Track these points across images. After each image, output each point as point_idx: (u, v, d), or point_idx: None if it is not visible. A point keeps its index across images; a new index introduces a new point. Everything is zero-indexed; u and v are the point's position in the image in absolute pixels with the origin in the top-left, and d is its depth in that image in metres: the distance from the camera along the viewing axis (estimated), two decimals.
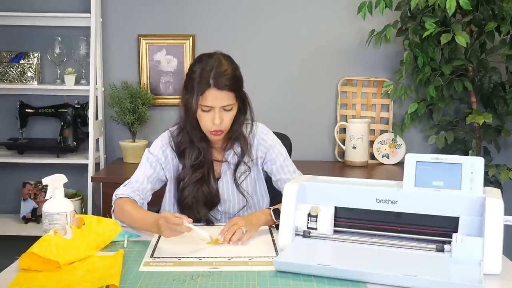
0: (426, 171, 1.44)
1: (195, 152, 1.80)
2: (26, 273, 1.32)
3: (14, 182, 3.11)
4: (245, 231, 1.58)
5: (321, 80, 3.10)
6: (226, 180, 1.85)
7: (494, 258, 1.28)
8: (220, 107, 1.70)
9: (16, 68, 3.00)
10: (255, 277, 1.30)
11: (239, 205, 1.86)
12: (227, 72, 1.70)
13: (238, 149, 1.84)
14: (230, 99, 1.71)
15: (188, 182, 1.79)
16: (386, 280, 1.24)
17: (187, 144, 1.80)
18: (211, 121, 1.71)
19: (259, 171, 1.89)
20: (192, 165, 1.79)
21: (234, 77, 1.72)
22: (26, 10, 2.97)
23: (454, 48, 2.66)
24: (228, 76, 1.70)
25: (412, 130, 3.07)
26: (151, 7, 3.05)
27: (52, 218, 1.46)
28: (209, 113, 1.71)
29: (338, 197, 1.50)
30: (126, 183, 1.83)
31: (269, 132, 1.92)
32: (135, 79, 3.08)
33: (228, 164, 1.85)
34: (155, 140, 1.88)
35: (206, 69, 1.70)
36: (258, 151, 1.87)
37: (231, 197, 1.85)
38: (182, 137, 1.81)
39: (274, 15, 3.06)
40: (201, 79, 1.69)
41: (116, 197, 1.79)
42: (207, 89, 1.68)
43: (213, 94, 1.68)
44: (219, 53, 1.77)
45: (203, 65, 1.71)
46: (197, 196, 1.79)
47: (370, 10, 2.74)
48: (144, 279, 1.28)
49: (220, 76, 1.68)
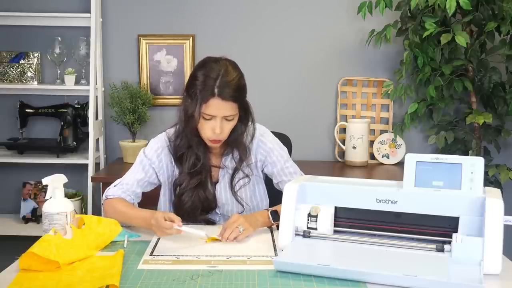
0: (426, 171, 1.44)
1: (193, 158, 1.77)
2: (26, 273, 1.32)
3: (14, 182, 3.11)
4: (242, 230, 1.58)
5: (321, 80, 3.10)
6: (224, 184, 1.83)
7: (494, 258, 1.28)
8: (222, 117, 1.67)
9: (16, 68, 3.00)
10: (255, 277, 1.30)
11: (237, 209, 1.84)
12: (233, 82, 1.66)
13: (237, 154, 1.81)
14: (233, 109, 1.68)
15: (186, 188, 1.78)
16: (386, 280, 1.24)
17: (185, 149, 1.78)
18: (211, 129, 1.69)
19: (258, 174, 1.88)
20: (190, 171, 1.77)
21: (239, 88, 1.68)
22: (26, 10, 2.97)
23: (454, 48, 2.66)
24: (234, 86, 1.66)
25: (412, 130, 3.07)
26: (151, 7, 3.05)
27: (52, 218, 1.46)
28: (210, 122, 1.68)
29: (338, 197, 1.50)
30: (116, 183, 1.81)
31: (268, 133, 1.88)
32: (135, 79, 3.08)
33: (226, 169, 1.83)
34: (151, 140, 1.86)
35: (211, 76, 1.65)
36: (257, 154, 1.85)
37: (229, 201, 1.84)
38: (180, 141, 1.78)
39: (274, 15, 3.06)
40: (204, 87, 1.64)
41: (107, 197, 1.77)
42: (211, 98, 1.64)
43: (216, 104, 1.64)
44: (224, 59, 1.72)
45: (208, 71, 1.66)
46: (195, 202, 1.78)
47: (370, 10, 2.73)
48: (144, 279, 1.28)
49: (225, 86, 1.64)
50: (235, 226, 1.58)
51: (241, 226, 1.58)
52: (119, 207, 1.72)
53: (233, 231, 1.57)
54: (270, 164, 1.85)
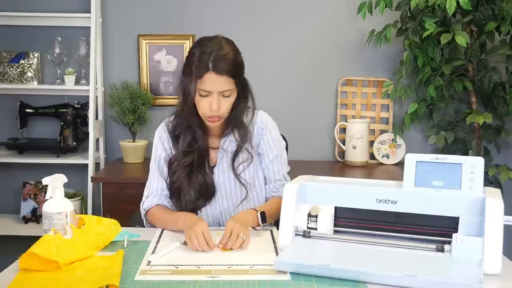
0: (426, 171, 1.44)
1: (189, 137, 1.77)
2: (26, 273, 1.32)
3: (14, 182, 3.11)
4: (245, 238, 1.52)
5: (321, 80, 3.10)
6: (223, 167, 1.80)
7: (494, 258, 1.28)
8: (218, 92, 1.66)
9: (16, 68, 3.00)
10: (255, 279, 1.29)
11: (237, 196, 1.81)
12: (227, 56, 1.66)
13: (237, 135, 1.79)
14: (229, 84, 1.67)
15: (177, 166, 1.77)
16: (386, 280, 1.24)
17: (183, 129, 1.78)
18: (208, 106, 1.67)
19: (258, 159, 1.85)
20: (184, 150, 1.77)
21: (234, 62, 1.68)
22: (26, 10, 2.97)
23: (454, 48, 2.66)
24: (229, 60, 1.65)
25: (412, 130, 3.07)
26: (151, 7, 3.05)
27: (52, 218, 1.46)
28: (207, 98, 1.67)
29: (338, 197, 1.49)
30: (146, 194, 1.84)
31: (270, 121, 1.87)
32: (135, 79, 3.08)
33: (224, 151, 1.80)
34: (153, 142, 1.87)
35: (205, 52, 1.65)
36: (256, 139, 1.83)
37: (227, 187, 1.80)
38: (178, 120, 1.79)
39: (274, 15, 3.06)
40: (200, 63, 1.64)
41: (145, 211, 1.81)
42: (206, 73, 1.63)
43: (211, 78, 1.64)
44: (220, 36, 1.73)
45: (203, 48, 1.66)
46: (186, 182, 1.76)
47: (370, 10, 2.74)
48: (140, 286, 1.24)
49: (220, 60, 1.63)
50: (236, 235, 1.51)
51: (242, 234, 1.52)
52: (157, 216, 1.76)
53: (237, 241, 1.51)
54: (262, 150, 1.84)
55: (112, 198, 2.62)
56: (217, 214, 1.82)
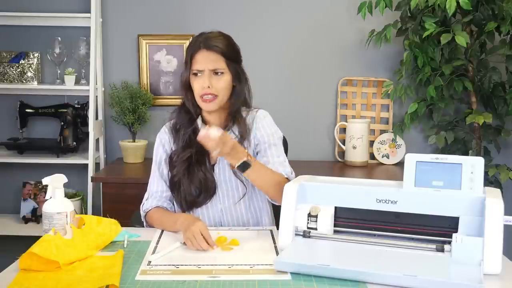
0: (426, 171, 1.44)
1: (189, 132, 1.79)
2: (26, 273, 1.32)
3: (14, 182, 3.11)
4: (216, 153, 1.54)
5: (321, 80, 3.10)
6: (223, 165, 1.81)
7: (494, 258, 1.28)
8: (209, 70, 1.71)
9: (16, 68, 3.00)
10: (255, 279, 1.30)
11: (238, 192, 1.81)
12: (219, 37, 1.74)
13: (237, 132, 1.80)
14: (220, 62, 1.72)
15: (177, 160, 1.79)
16: (386, 280, 1.24)
17: (184, 123, 1.81)
18: (201, 85, 1.71)
19: (256, 156, 1.84)
20: (183, 145, 1.79)
21: (226, 43, 1.74)
22: (26, 10, 2.97)
23: (454, 48, 2.66)
24: (219, 40, 1.73)
25: (412, 130, 3.07)
26: (151, 7, 3.05)
27: (52, 218, 1.46)
28: (200, 77, 1.72)
29: (338, 197, 1.50)
30: (147, 196, 1.85)
31: (268, 117, 1.86)
32: (135, 79, 3.08)
33: None
34: (154, 145, 1.89)
35: (200, 36, 1.74)
36: (253, 133, 1.82)
37: (228, 184, 1.81)
38: (180, 114, 1.82)
39: (274, 15, 3.06)
40: (193, 44, 1.73)
41: (145, 213, 1.82)
42: (197, 52, 1.71)
43: (202, 55, 1.71)
44: (218, 30, 1.80)
45: (199, 35, 1.76)
46: (186, 179, 1.77)
47: (370, 10, 2.74)
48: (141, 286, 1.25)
49: (210, 38, 1.72)
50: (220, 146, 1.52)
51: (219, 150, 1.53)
52: (156, 217, 1.77)
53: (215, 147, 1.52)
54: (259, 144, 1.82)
55: (112, 198, 2.62)
56: (218, 212, 1.83)
